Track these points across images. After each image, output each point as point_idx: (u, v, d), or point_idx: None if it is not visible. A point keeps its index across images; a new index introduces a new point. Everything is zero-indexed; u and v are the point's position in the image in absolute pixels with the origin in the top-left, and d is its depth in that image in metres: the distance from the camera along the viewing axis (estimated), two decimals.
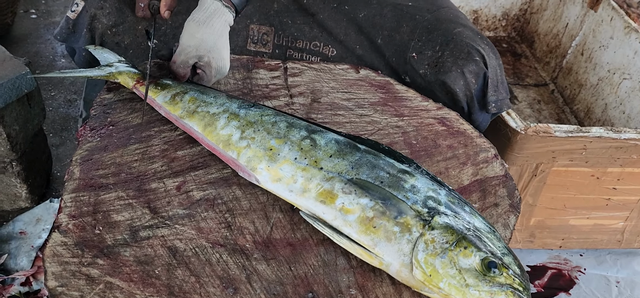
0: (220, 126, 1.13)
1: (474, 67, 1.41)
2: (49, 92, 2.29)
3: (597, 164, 1.65)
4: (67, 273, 0.91)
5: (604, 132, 1.56)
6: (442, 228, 0.93)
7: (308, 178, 1.02)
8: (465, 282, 0.89)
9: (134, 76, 1.28)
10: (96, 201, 1.02)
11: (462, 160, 1.22)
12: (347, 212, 0.97)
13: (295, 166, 1.04)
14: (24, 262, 1.61)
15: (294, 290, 0.93)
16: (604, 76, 2.21)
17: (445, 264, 0.90)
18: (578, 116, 2.33)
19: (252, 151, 1.08)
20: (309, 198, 1.01)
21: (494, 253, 0.92)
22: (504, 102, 1.48)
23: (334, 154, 1.05)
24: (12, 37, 2.56)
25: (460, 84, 1.41)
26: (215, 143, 1.11)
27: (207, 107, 1.17)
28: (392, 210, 0.96)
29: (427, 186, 1.00)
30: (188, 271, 0.93)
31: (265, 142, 1.09)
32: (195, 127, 1.14)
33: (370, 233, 0.95)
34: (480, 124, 1.49)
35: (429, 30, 1.48)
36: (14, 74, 1.53)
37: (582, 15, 2.36)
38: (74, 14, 1.50)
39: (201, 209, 1.03)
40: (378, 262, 0.94)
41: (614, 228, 1.83)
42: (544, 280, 1.81)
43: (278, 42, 1.54)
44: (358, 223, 0.96)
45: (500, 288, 0.89)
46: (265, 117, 1.14)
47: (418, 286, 0.93)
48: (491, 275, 0.90)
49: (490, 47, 1.47)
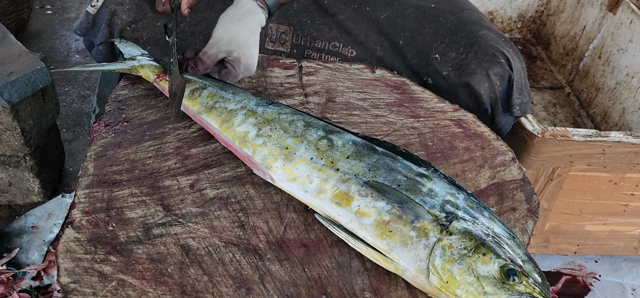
0: (237, 123, 1.12)
1: (499, 69, 1.40)
2: (63, 87, 2.29)
3: (615, 169, 1.62)
4: (80, 269, 0.90)
5: (624, 136, 1.53)
6: (460, 234, 0.91)
7: (324, 179, 1.01)
8: (483, 289, 0.87)
9: (155, 70, 1.27)
10: (110, 197, 1.01)
11: (479, 163, 1.20)
12: (363, 215, 0.96)
13: (311, 166, 1.03)
14: (35, 256, 1.62)
15: (308, 292, 0.92)
16: (622, 80, 2.17)
17: (462, 271, 0.88)
18: (594, 120, 2.29)
19: (268, 149, 1.07)
20: (324, 199, 0.99)
21: (514, 260, 0.90)
22: (528, 106, 1.46)
23: (351, 155, 1.03)
24: (28, 33, 2.58)
25: (485, 86, 1.40)
26: (231, 139, 1.10)
27: (225, 103, 1.16)
28: (409, 214, 0.94)
29: (445, 190, 0.98)
30: (201, 270, 0.92)
31: (282, 140, 1.07)
32: (212, 123, 1.14)
33: (386, 238, 0.93)
34: (503, 127, 1.48)
35: (452, 32, 1.46)
36: (29, 69, 1.53)
37: (601, 17, 2.33)
38: (93, 8, 1.50)
39: (214, 208, 1.02)
40: (394, 266, 0.93)
41: (630, 235, 1.80)
42: (558, 286, 1.79)
43: (296, 42, 1.53)
44: (374, 226, 0.94)
45: (519, 297, 0.87)
46: (283, 115, 1.12)
47: (434, 292, 0.91)
48: (510, 283, 0.87)
49: (515, 50, 1.45)
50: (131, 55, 1.34)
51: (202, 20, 1.50)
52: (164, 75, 1.25)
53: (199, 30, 1.50)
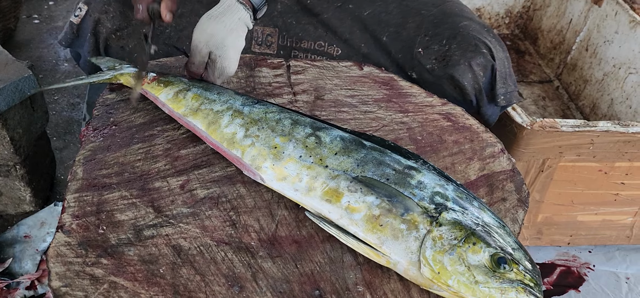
0: (224, 124, 1.12)
1: (482, 59, 1.40)
2: (52, 96, 2.28)
3: (604, 159, 1.63)
4: (71, 273, 0.89)
5: (612, 126, 1.55)
6: (450, 224, 0.92)
7: (313, 176, 1.01)
8: (474, 278, 0.88)
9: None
10: (100, 201, 1.01)
11: (469, 156, 1.21)
12: (353, 210, 0.96)
13: (300, 164, 1.03)
14: (29, 266, 1.61)
15: (301, 288, 0.92)
16: (609, 71, 2.19)
17: (453, 261, 0.88)
18: (584, 112, 2.31)
19: (257, 149, 1.06)
20: (314, 197, 0.99)
21: (504, 248, 0.90)
22: (513, 95, 1.46)
23: (339, 152, 1.03)
24: (15, 42, 2.57)
25: (469, 77, 1.40)
26: (219, 141, 1.10)
27: (211, 104, 1.16)
28: (398, 207, 0.94)
29: (434, 182, 0.98)
30: (193, 270, 0.92)
31: (270, 140, 1.07)
32: (198, 125, 1.13)
33: (377, 232, 0.93)
34: (489, 118, 1.48)
35: (435, 25, 1.46)
36: (16, 77, 1.52)
37: (586, 10, 2.35)
38: (77, 18, 1.49)
39: (205, 208, 1.02)
40: (385, 260, 0.93)
41: (622, 223, 1.81)
42: (552, 277, 1.79)
43: (282, 43, 1.53)
44: (364, 221, 0.95)
45: (510, 285, 0.87)
46: (270, 114, 1.12)
47: (426, 284, 0.91)
48: (501, 271, 0.88)
49: (497, 40, 1.45)
50: (110, 65, 1.33)
51: (188, 25, 1.50)
52: (146, 78, 1.25)
53: (186, 35, 1.50)
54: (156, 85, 1.23)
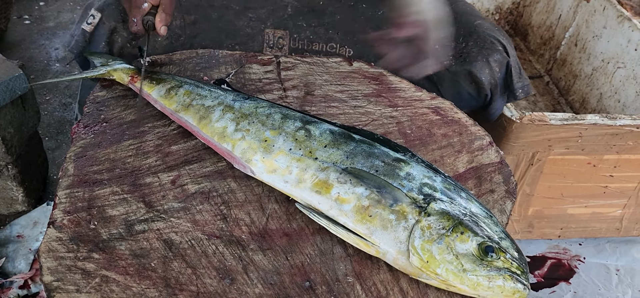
0: (215, 119, 1.12)
1: (498, 56, 1.46)
2: (44, 96, 2.28)
3: (593, 152, 1.65)
4: (63, 268, 0.90)
5: (599, 118, 1.57)
6: (438, 215, 0.93)
7: (303, 168, 1.02)
8: (462, 267, 0.89)
9: (129, 71, 1.27)
10: (91, 197, 1.01)
11: (457, 148, 1.22)
12: (342, 201, 0.97)
13: (290, 157, 1.04)
14: (22, 265, 1.61)
15: (291, 280, 0.93)
16: (598, 66, 2.21)
17: (442, 250, 0.90)
18: (573, 106, 2.33)
19: (247, 143, 1.07)
20: (304, 189, 1.00)
21: (491, 237, 0.92)
22: (529, 86, 1.55)
23: (329, 144, 1.05)
24: (6, 43, 2.56)
25: (486, 73, 1.46)
26: (210, 136, 1.11)
27: (202, 100, 1.17)
28: (387, 198, 0.96)
29: (423, 173, 1.00)
30: (184, 263, 0.93)
31: (260, 133, 1.08)
32: (190, 121, 1.14)
33: (366, 222, 0.95)
34: (496, 111, 1.57)
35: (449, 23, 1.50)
36: (7, 76, 1.52)
37: (575, 6, 2.37)
38: (90, 26, 1.46)
39: (196, 202, 1.02)
40: (375, 250, 0.94)
41: (612, 216, 1.83)
42: (543, 270, 1.81)
43: (294, 46, 1.54)
44: (354, 212, 0.96)
45: (497, 272, 0.89)
46: (260, 108, 1.14)
47: (415, 273, 0.92)
48: (488, 260, 0.89)
49: (507, 39, 1.55)
50: (103, 62, 1.34)
51: (200, 31, 1.50)
52: (138, 76, 1.25)
53: (198, 42, 1.50)
54: (148, 82, 1.23)
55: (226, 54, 1.41)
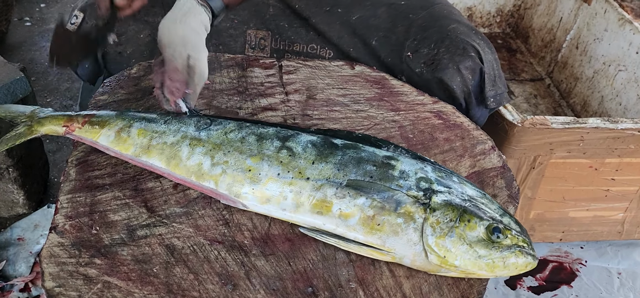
0: (185, 156, 1.04)
1: (470, 63, 1.40)
2: (45, 98, 2.28)
3: (594, 155, 1.64)
4: (65, 273, 0.90)
5: (601, 122, 1.56)
6: (442, 207, 0.94)
7: (297, 192, 0.99)
8: (477, 254, 0.92)
9: (60, 119, 1.12)
10: (93, 201, 1.01)
11: (460, 153, 1.22)
12: (346, 216, 0.96)
13: (281, 182, 1.00)
14: (23, 268, 1.61)
15: (294, 285, 0.93)
16: (599, 69, 2.21)
17: (455, 242, 0.92)
18: (575, 109, 2.33)
19: (230, 176, 1.01)
20: (304, 212, 0.98)
21: (494, 217, 0.95)
22: (503, 96, 1.47)
23: (316, 160, 1.02)
24: (7, 45, 2.56)
25: (457, 81, 1.41)
26: (185, 176, 1.03)
27: (162, 137, 1.07)
28: (390, 203, 0.95)
29: (414, 167, 1.00)
30: (186, 268, 0.93)
31: (241, 163, 1.02)
32: (157, 164, 1.05)
33: (376, 232, 0.94)
34: (477, 120, 1.49)
35: (423, 28, 1.47)
36: (8, 79, 1.52)
37: (576, 8, 2.36)
38: (73, 26, 1.47)
39: (198, 207, 1.02)
40: (390, 257, 0.94)
41: (613, 219, 1.83)
42: (545, 273, 1.81)
43: (275, 47, 1.53)
44: (361, 225, 0.95)
45: (509, 251, 0.92)
46: (230, 134, 1.07)
47: (434, 269, 0.94)
48: (498, 241, 0.92)
49: (486, 42, 1.46)
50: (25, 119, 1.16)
51: (145, 26, 1.49)
52: (74, 122, 1.11)
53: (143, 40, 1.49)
54: (90, 127, 1.10)
55: (228, 57, 1.40)
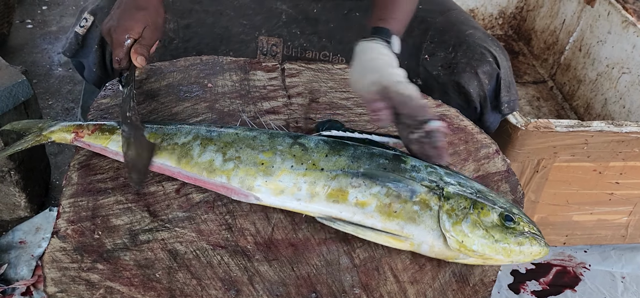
0: (197, 154, 1.04)
1: (488, 68, 1.42)
2: (46, 100, 2.28)
3: (599, 159, 1.63)
4: (67, 278, 0.89)
5: (605, 126, 1.56)
6: (455, 197, 0.96)
7: (312, 182, 0.99)
8: (494, 238, 0.93)
9: (70, 128, 1.11)
10: (95, 206, 1.01)
11: (464, 157, 1.21)
12: (363, 205, 0.96)
13: (295, 174, 1.00)
14: (24, 272, 1.60)
15: (297, 291, 0.92)
16: (602, 71, 2.20)
17: (471, 227, 0.94)
18: (578, 112, 2.32)
19: (243, 170, 1.01)
20: (319, 202, 0.98)
21: (505, 206, 0.97)
22: (516, 103, 1.50)
23: (329, 153, 1.02)
24: (9, 48, 2.56)
25: (474, 85, 1.42)
26: (197, 173, 1.02)
27: (173, 138, 1.07)
28: (405, 192, 0.96)
29: (423, 164, 1.02)
30: (189, 274, 0.92)
31: (254, 157, 1.02)
32: (167, 163, 1.04)
33: (394, 219, 0.95)
34: (491, 125, 1.50)
35: (441, 32, 1.48)
36: (10, 82, 1.52)
37: (579, 11, 2.36)
38: (83, 29, 1.46)
39: (201, 211, 1.01)
40: (409, 243, 0.95)
41: (617, 223, 1.82)
42: (548, 277, 1.80)
43: (287, 53, 1.53)
44: (378, 212, 0.96)
45: (523, 237, 0.94)
46: (242, 134, 1.07)
47: (453, 255, 0.95)
48: (513, 227, 0.95)
49: (501, 49, 1.48)
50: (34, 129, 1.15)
51: (194, 35, 1.49)
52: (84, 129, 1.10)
53: (192, 46, 1.49)
54: (100, 134, 1.09)
55: (230, 60, 1.40)
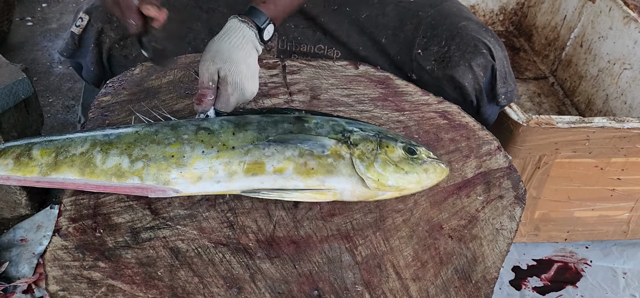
0: (100, 161, 1.00)
1: (482, 60, 1.40)
2: (47, 98, 2.28)
3: (600, 155, 1.63)
4: (69, 277, 0.89)
5: (607, 122, 1.55)
6: (361, 141, 1.02)
7: (227, 162, 0.99)
8: (404, 171, 1.01)
9: None
10: (96, 204, 1.00)
11: (465, 153, 1.21)
12: (281, 170, 0.99)
13: (208, 158, 0.99)
14: (26, 270, 1.60)
15: (299, 288, 0.92)
16: (604, 67, 2.20)
17: (383, 165, 1.00)
18: (579, 108, 2.32)
19: (154, 167, 0.99)
20: (239, 179, 0.98)
21: (405, 140, 1.06)
22: (514, 94, 1.47)
23: (236, 130, 1.02)
24: (9, 45, 2.55)
25: (469, 78, 1.40)
26: (105, 181, 0.98)
27: (70, 149, 1.01)
28: (316, 148, 1.01)
29: (324, 119, 1.07)
30: (191, 272, 0.92)
31: (162, 151, 1.00)
32: (70, 177, 0.99)
33: (313, 175, 0.99)
34: (488, 117, 1.49)
35: (433, 26, 1.46)
36: (10, 80, 1.52)
37: (580, 6, 2.35)
38: (78, 28, 1.46)
39: (202, 209, 1.01)
40: (332, 194, 1.00)
41: (619, 219, 1.82)
42: (550, 273, 1.80)
43: (282, 48, 1.52)
44: (297, 173, 0.99)
45: (426, 163, 1.03)
46: (142, 131, 1.04)
47: (373, 195, 1.01)
48: (415, 157, 1.03)
49: (496, 39, 1.45)
50: None
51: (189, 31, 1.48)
52: None
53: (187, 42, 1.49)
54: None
55: None
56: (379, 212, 1.04)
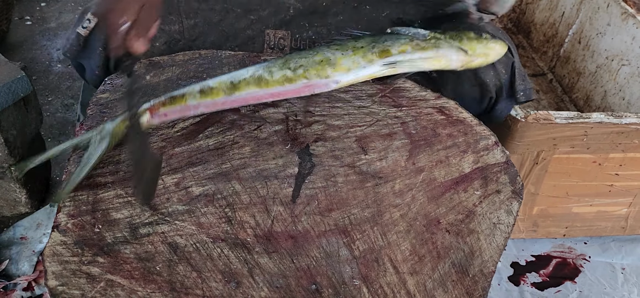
0: (269, 76, 1.18)
1: (503, 57, 1.42)
2: (46, 97, 2.28)
3: (598, 150, 1.64)
4: (68, 272, 0.90)
5: (605, 117, 1.56)
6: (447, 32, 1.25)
7: (363, 54, 1.20)
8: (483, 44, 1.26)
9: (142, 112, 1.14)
10: (95, 200, 1.01)
11: (463, 149, 1.21)
12: (404, 50, 1.21)
13: (348, 55, 1.20)
14: (26, 267, 1.60)
15: (297, 282, 0.92)
16: (602, 63, 2.20)
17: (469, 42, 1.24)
18: (577, 104, 2.32)
19: (313, 70, 1.18)
20: (377, 62, 1.21)
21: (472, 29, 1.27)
22: (531, 91, 1.52)
23: (355, 39, 1.24)
24: (8, 44, 2.56)
25: (490, 74, 1.43)
26: (278, 88, 1.18)
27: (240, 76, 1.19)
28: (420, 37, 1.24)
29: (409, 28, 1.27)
30: (189, 266, 0.92)
31: (314, 58, 1.20)
32: (251, 90, 1.17)
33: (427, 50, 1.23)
34: (502, 112, 1.53)
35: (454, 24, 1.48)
36: (9, 78, 1.52)
37: (578, 3, 2.35)
38: (85, 30, 1.44)
39: (201, 205, 1.02)
40: (445, 62, 1.24)
41: (617, 214, 1.82)
42: (548, 269, 1.80)
43: (295, 46, 1.52)
44: (416, 50, 1.22)
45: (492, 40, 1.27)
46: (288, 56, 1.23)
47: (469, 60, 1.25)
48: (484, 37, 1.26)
49: (510, 41, 1.51)
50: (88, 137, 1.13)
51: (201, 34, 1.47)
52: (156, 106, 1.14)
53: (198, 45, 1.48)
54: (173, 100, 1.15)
55: (229, 54, 1.40)
56: (376, 207, 1.04)
